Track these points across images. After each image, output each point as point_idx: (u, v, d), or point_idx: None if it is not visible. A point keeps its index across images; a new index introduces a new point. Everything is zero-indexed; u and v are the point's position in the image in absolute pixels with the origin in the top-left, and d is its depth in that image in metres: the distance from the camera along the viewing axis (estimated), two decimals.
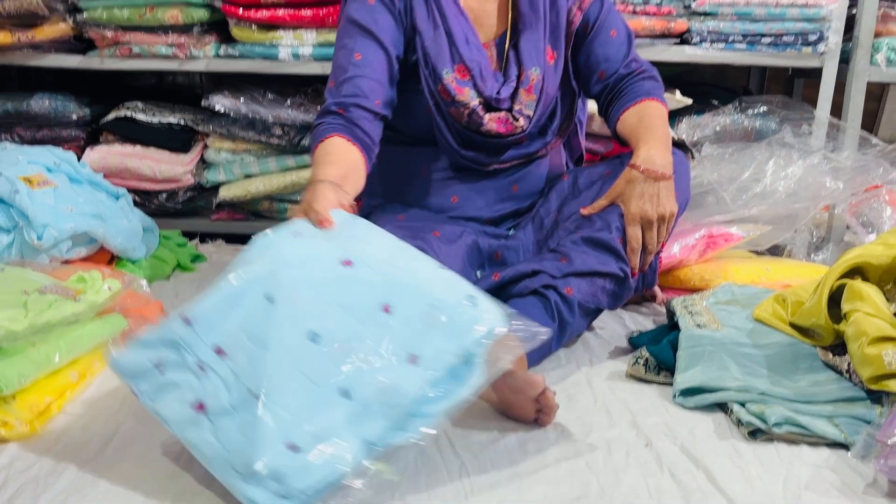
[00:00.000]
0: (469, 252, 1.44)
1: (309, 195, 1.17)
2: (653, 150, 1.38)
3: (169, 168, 2.10)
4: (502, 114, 1.44)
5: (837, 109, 2.14)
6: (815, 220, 2.08)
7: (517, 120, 1.44)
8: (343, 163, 1.29)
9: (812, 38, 2.04)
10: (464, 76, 1.42)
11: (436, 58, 1.42)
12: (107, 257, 1.68)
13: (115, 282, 1.26)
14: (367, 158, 1.34)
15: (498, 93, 1.44)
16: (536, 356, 1.36)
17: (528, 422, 1.19)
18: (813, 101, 2.10)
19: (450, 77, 1.42)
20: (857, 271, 1.29)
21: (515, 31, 1.47)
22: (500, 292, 1.38)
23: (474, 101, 1.42)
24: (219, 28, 2.10)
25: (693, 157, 2.06)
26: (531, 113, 1.46)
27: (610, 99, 1.52)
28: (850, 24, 2.11)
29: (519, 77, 1.45)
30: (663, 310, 1.68)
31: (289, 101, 2.13)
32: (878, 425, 1.10)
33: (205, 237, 2.08)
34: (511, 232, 1.55)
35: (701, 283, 1.75)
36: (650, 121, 1.43)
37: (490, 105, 1.44)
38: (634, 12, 2.02)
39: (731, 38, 2.04)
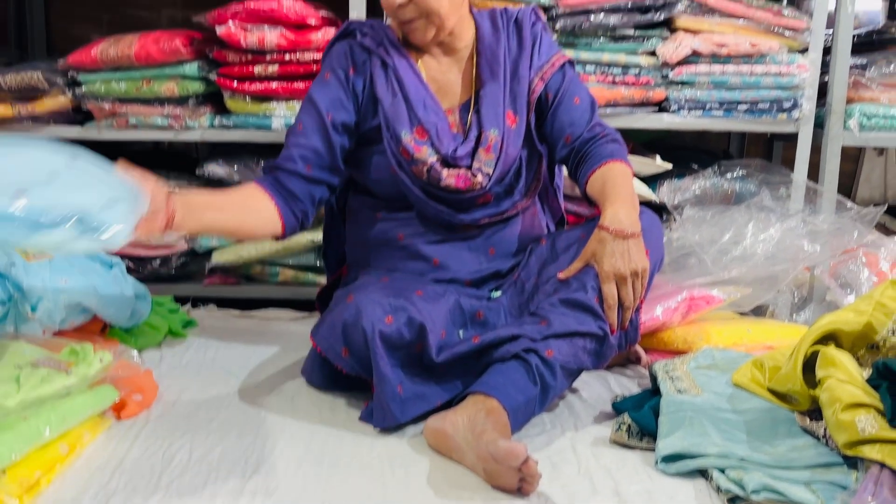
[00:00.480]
0: (452, 311, 1.48)
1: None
2: (619, 210, 1.43)
3: (162, 235, 2.14)
4: (461, 170, 1.53)
5: (816, 170, 2.21)
6: (797, 281, 2.12)
7: (475, 176, 1.53)
8: (226, 196, 1.47)
9: (787, 104, 2.12)
10: (422, 137, 1.53)
11: (395, 121, 1.53)
12: (99, 325, 1.71)
13: (106, 354, 1.28)
14: (280, 208, 1.50)
15: (455, 151, 1.53)
16: (520, 421, 1.38)
17: (511, 491, 1.20)
18: (792, 163, 2.17)
19: (408, 138, 1.52)
20: (830, 337, 1.33)
21: (478, 98, 1.57)
22: (482, 356, 1.42)
23: (432, 158, 1.52)
24: (214, 99, 2.17)
25: (675, 220, 2.12)
26: (490, 171, 1.54)
27: (577, 162, 1.59)
28: (824, 90, 2.19)
29: (478, 137, 1.55)
30: (648, 372, 1.71)
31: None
32: (854, 491, 1.12)
33: (197, 302, 2.11)
34: (494, 294, 1.59)
35: (684, 345, 1.78)
36: (614, 181, 1.50)
37: (448, 162, 1.53)
38: (614, 82, 2.09)
39: (708, 106, 2.11)
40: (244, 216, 1.47)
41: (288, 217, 1.51)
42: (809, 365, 1.32)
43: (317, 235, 2.16)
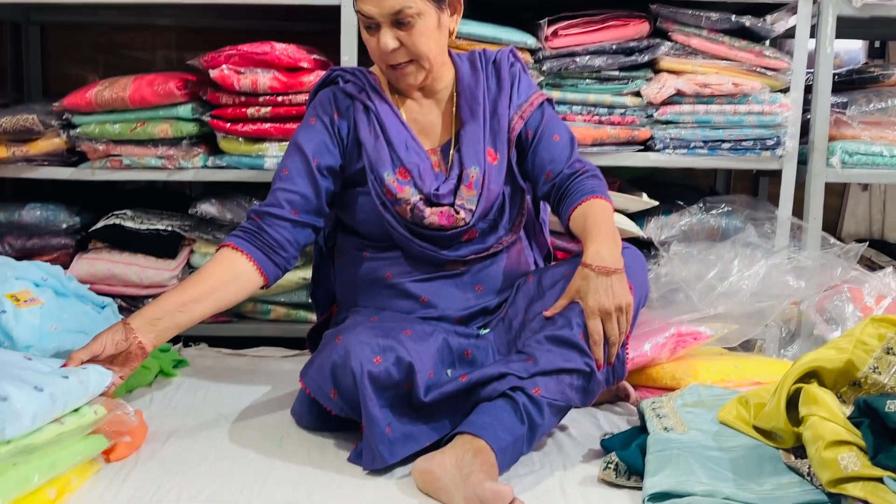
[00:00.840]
0: (440, 350, 1.49)
1: (99, 336, 1.40)
2: (601, 247, 1.46)
3: (155, 274, 2.16)
4: (444, 208, 1.56)
5: (801, 206, 2.24)
6: (785, 316, 2.14)
7: (458, 213, 1.56)
8: (201, 285, 1.48)
9: (770, 142, 2.16)
10: (404, 177, 1.56)
11: (377, 163, 1.56)
12: None
13: (101, 407, 1.30)
14: (259, 264, 1.52)
15: (437, 189, 1.56)
16: (508, 461, 1.39)
17: None
18: (778, 198, 2.20)
19: (391, 178, 1.55)
20: (812, 375, 1.35)
21: (458, 137, 1.61)
22: (470, 394, 1.43)
23: (415, 198, 1.55)
24: (207, 140, 2.20)
25: (662, 256, 2.14)
26: (473, 207, 1.57)
27: (558, 199, 1.62)
28: (806, 128, 2.23)
29: (460, 175, 1.58)
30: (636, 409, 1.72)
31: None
32: None
33: (189, 340, 2.12)
34: (482, 332, 1.61)
35: (672, 381, 1.79)
36: (595, 218, 1.52)
37: (431, 201, 1.56)
38: (600, 122, 2.13)
39: (692, 145, 2.15)
40: (224, 294, 1.50)
41: (269, 270, 1.54)
42: (793, 402, 1.33)
43: (308, 273, 2.17)
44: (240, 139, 2.12)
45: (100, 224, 2.22)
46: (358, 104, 1.60)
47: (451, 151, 1.62)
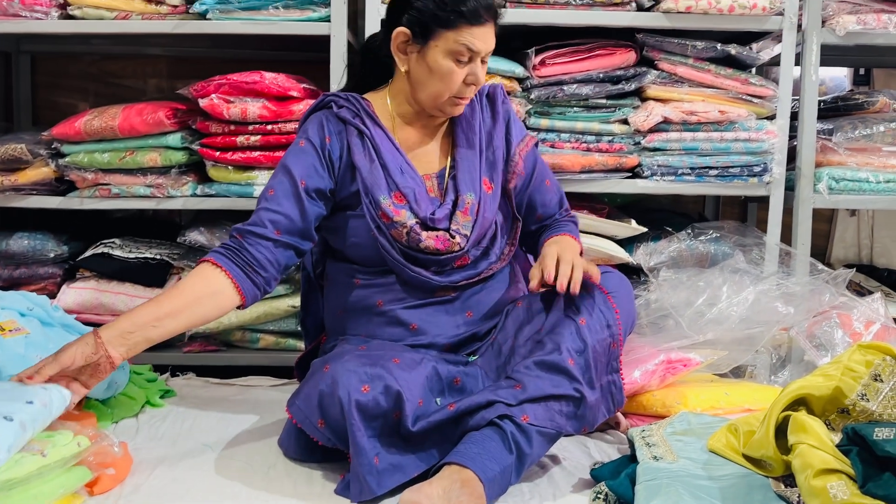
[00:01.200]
0: (429, 379, 1.48)
1: (68, 347, 1.36)
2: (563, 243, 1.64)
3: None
4: (440, 233, 1.57)
5: (790, 231, 2.25)
6: (775, 341, 2.14)
7: (454, 238, 1.57)
8: (176, 299, 1.44)
9: (757, 169, 2.17)
10: (400, 201, 1.57)
11: (373, 187, 1.57)
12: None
13: (84, 439, 1.28)
14: (237, 281, 1.48)
15: (433, 213, 1.58)
16: (496, 491, 1.37)
17: None
18: (766, 224, 2.21)
19: (387, 202, 1.56)
20: (800, 402, 1.34)
21: (454, 164, 1.63)
22: (458, 423, 1.42)
23: (411, 221, 1.56)
24: (196, 168, 2.20)
25: (652, 282, 2.14)
26: (468, 233, 1.59)
27: (538, 231, 1.77)
28: (793, 154, 2.25)
29: (455, 201, 1.60)
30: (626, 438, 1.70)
31: None
32: None
33: (176, 370, 2.10)
34: (471, 358, 1.60)
35: (663, 409, 1.78)
36: (564, 243, 1.65)
37: (427, 225, 1.57)
38: (588, 149, 2.15)
39: (680, 171, 2.16)
40: (199, 310, 1.47)
41: (248, 288, 1.49)
42: (782, 430, 1.32)
43: (297, 301, 2.17)
44: (229, 167, 2.13)
45: (88, 253, 2.22)
46: (351, 128, 1.60)
47: (447, 178, 1.63)
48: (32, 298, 1.69)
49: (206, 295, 1.46)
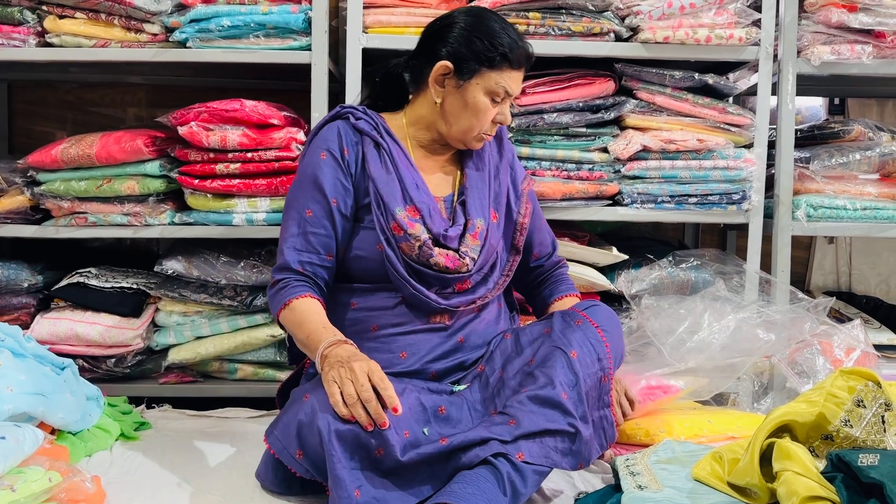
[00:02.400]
0: (412, 409, 1.45)
1: (351, 361, 1.39)
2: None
3: (119, 333, 2.11)
4: (450, 252, 1.59)
5: (769, 259, 2.26)
6: (757, 368, 2.14)
7: (463, 259, 1.59)
8: (327, 322, 1.52)
9: (736, 197, 2.19)
10: (415, 215, 1.59)
11: (388, 198, 1.58)
12: (48, 429, 1.65)
13: (55, 474, 1.25)
14: (323, 302, 1.58)
15: (446, 231, 1.60)
16: None
17: None
18: (746, 252, 2.23)
19: (402, 214, 1.57)
20: (784, 429, 1.33)
21: (463, 190, 1.66)
22: (450, 459, 1.38)
23: (425, 235, 1.57)
24: (174, 197, 2.18)
25: (634, 309, 2.14)
26: (476, 256, 1.61)
27: (541, 282, 1.84)
28: (771, 182, 2.27)
29: (465, 224, 1.62)
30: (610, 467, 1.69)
31: (242, 264, 2.19)
32: None
33: (153, 402, 2.06)
34: (455, 388, 1.58)
35: (646, 437, 1.77)
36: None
37: (438, 242, 1.58)
38: (569, 177, 2.16)
39: (659, 199, 2.17)
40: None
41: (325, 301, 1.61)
42: (766, 457, 1.31)
43: (276, 331, 2.14)
44: (208, 195, 2.11)
45: (63, 282, 2.18)
46: (368, 139, 1.63)
47: (454, 202, 1.66)
48: (4, 329, 1.66)
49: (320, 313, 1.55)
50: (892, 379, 2.06)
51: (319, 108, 2.11)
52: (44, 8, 2.12)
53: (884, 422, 1.26)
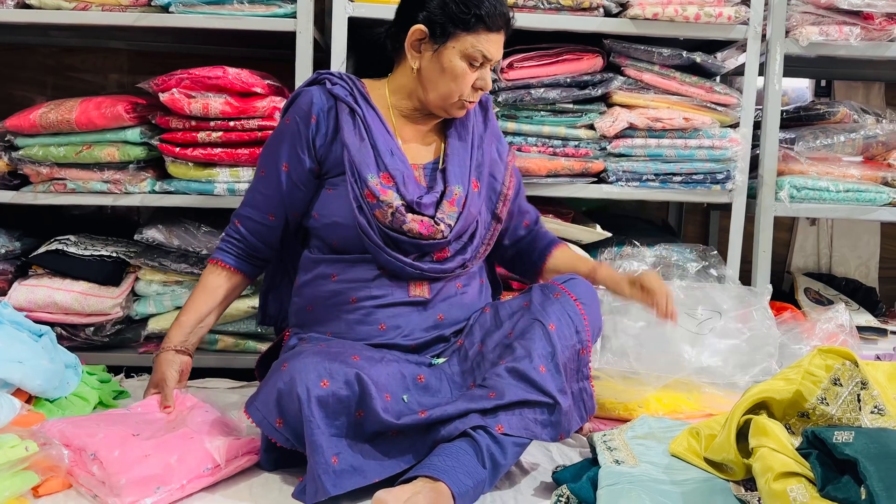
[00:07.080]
0: (393, 376, 1.45)
1: (160, 373, 1.66)
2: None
3: (97, 301, 2.09)
4: (425, 218, 1.57)
5: (751, 240, 2.27)
6: None
7: (438, 225, 1.58)
8: (209, 298, 1.70)
9: (720, 176, 2.19)
10: (388, 182, 1.57)
11: (361, 165, 1.57)
12: (25, 396, 1.64)
13: (33, 444, 1.24)
14: (244, 272, 1.72)
15: (420, 198, 1.58)
16: (469, 501, 1.34)
17: None
18: (728, 232, 2.23)
19: (375, 181, 1.56)
20: (761, 406, 1.35)
21: (445, 157, 1.65)
22: (429, 431, 1.39)
23: (397, 202, 1.56)
24: (155, 164, 2.15)
25: None
26: (452, 223, 1.60)
27: (530, 242, 1.84)
28: (755, 163, 2.27)
29: (443, 191, 1.61)
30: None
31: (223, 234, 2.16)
32: None
33: (131, 371, 2.04)
34: (434, 360, 1.58)
35: (624, 412, 1.78)
36: (579, 257, 1.83)
37: (412, 209, 1.57)
38: (555, 154, 2.15)
39: (644, 177, 2.17)
40: (226, 301, 1.74)
41: (252, 273, 1.74)
42: (743, 434, 1.33)
43: (256, 301, 2.13)
44: (189, 164, 2.08)
45: (41, 249, 2.15)
46: (343, 105, 1.61)
47: (438, 169, 1.65)
48: None
49: (225, 293, 1.72)
50: (870, 359, 2.10)
51: (304, 77, 2.07)
52: None
53: (859, 400, 1.27)
